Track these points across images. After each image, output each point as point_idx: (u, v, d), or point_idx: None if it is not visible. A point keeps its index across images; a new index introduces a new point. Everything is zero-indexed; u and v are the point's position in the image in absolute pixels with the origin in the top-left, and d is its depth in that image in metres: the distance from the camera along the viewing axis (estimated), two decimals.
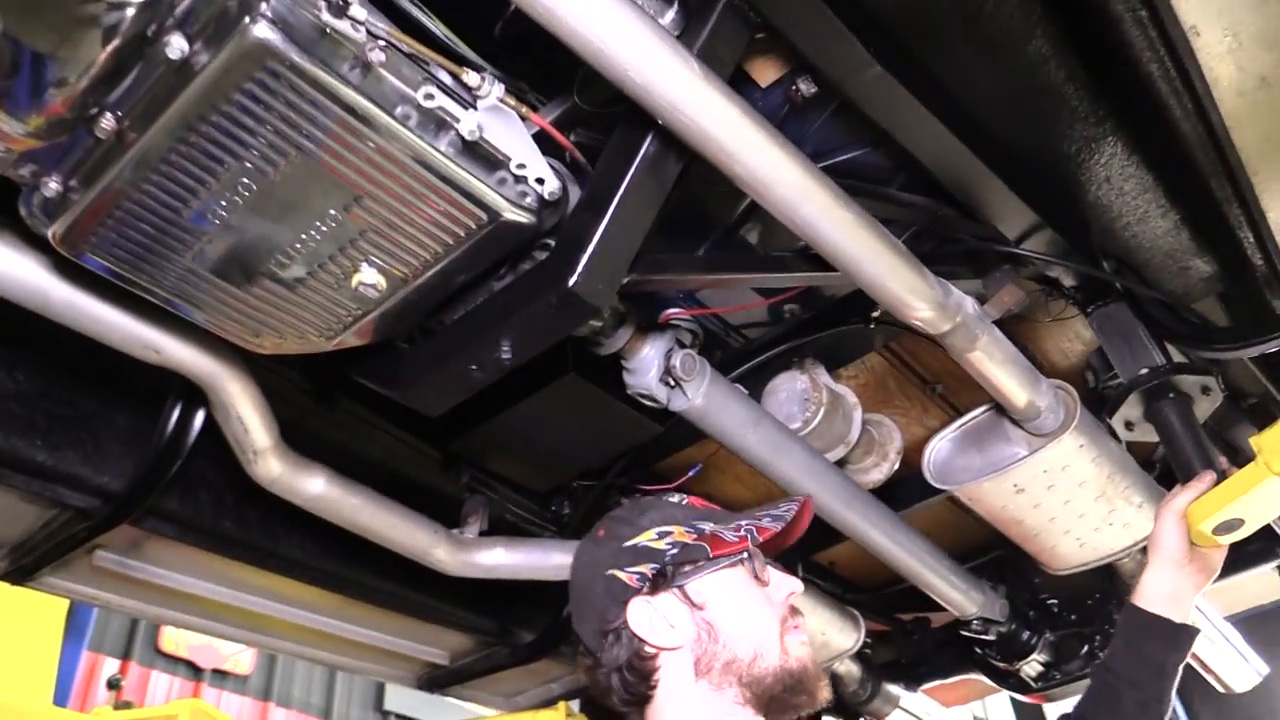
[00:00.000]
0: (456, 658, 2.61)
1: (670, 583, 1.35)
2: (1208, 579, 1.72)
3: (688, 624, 1.33)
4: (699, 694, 1.32)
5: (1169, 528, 1.70)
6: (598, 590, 1.36)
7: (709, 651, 1.32)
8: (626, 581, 1.34)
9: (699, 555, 1.36)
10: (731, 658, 1.32)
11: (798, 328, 2.18)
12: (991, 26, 1.48)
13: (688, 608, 1.34)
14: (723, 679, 1.31)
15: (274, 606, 2.27)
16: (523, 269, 1.43)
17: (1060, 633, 2.67)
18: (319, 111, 1.13)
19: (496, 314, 1.42)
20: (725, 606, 1.35)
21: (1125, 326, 1.93)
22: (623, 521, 1.44)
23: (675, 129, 1.25)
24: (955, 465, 2.07)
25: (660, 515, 1.42)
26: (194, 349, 1.55)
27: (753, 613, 1.36)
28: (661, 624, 1.32)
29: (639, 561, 1.35)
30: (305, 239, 1.28)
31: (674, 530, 1.39)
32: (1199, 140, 1.44)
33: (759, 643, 1.33)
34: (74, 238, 1.27)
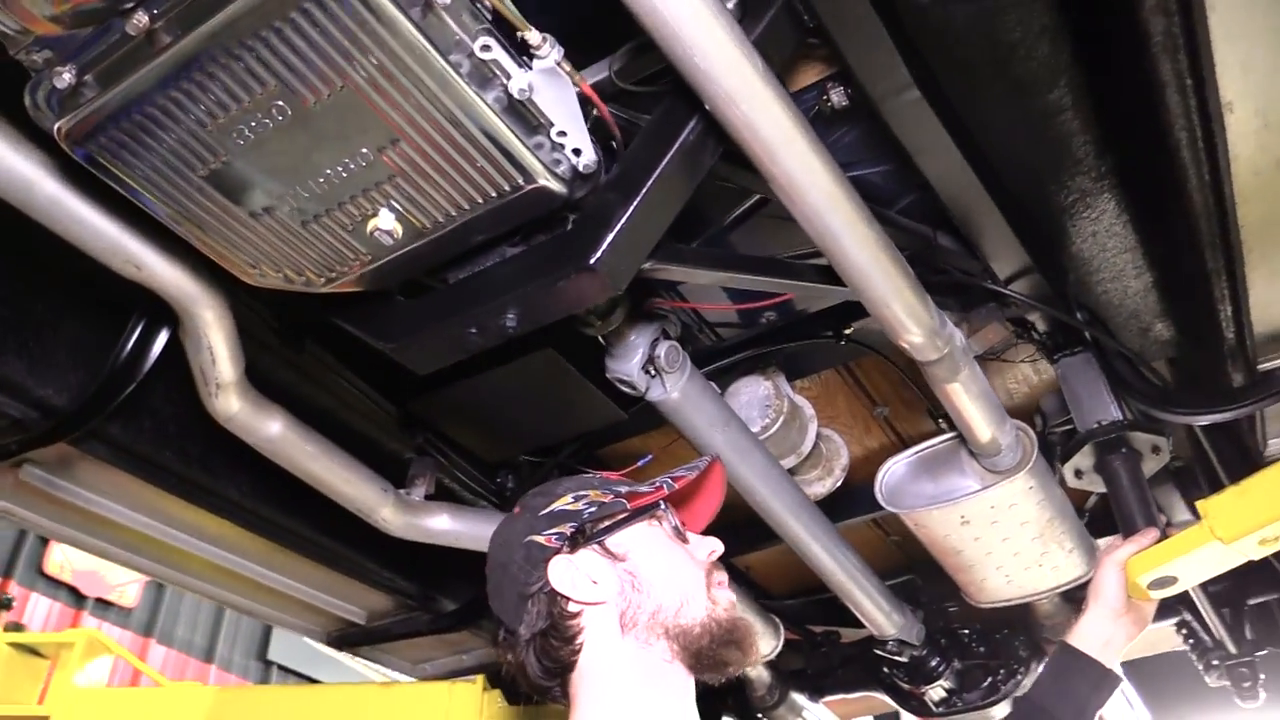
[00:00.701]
0: (373, 618, 2.56)
1: (589, 539, 1.33)
2: (1140, 630, 1.80)
3: (610, 577, 1.31)
4: (626, 652, 1.29)
5: (1110, 577, 1.77)
6: (517, 559, 1.32)
7: (633, 603, 1.30)
8: (544, 543, 1.31)
9: (616, 509, 1.35)
10: (656, 607, 1.29)
11: (770, 334, 2.19)
12: (1020, 69, 1.50)
13: (609, 561, 1.32)
14: (649, 633, 1.29)
15: (197, 544, 2.18)
16: (537, 239, 1.40)
17: (967, 662, 2.75)
18: (374, 44, 1.08)
19: (507, 280, 1.39)
20: (647, 555, 1.34)
21: (1088, 378, 1.99)
22: (538, 495, 1.41)
23: (724, 120, 1.24)
24: (906, 489, 2.12)
25: (576, 484, 1.42)
26: (178, 270, 1.48)
27: (675, 562, 1.35)
28: (583, 579, 1.30)
29: (556, 524, 1.33)
30: (329, 175, 1.23)
31: (590, 493, 1.38)
32: (1206, 210, 1.49)
33: (683, 591, 1.32)
34: (81, 136, 1.19)
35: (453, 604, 2.48)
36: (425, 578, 2.43)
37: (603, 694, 1.28)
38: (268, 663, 5.49)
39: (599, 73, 1.51)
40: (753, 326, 2.23)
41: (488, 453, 2.24)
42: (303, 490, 2.10)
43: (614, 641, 1.30)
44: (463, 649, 2.73)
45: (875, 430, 2.74)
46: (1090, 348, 2.00)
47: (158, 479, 1.94)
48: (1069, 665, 1.74)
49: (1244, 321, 1.69)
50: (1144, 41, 1.27)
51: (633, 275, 1.36)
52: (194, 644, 5.33)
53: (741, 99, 1.21)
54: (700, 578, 1.35)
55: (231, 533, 2.16)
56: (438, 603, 2.47)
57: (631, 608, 1.30)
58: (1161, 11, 1.22)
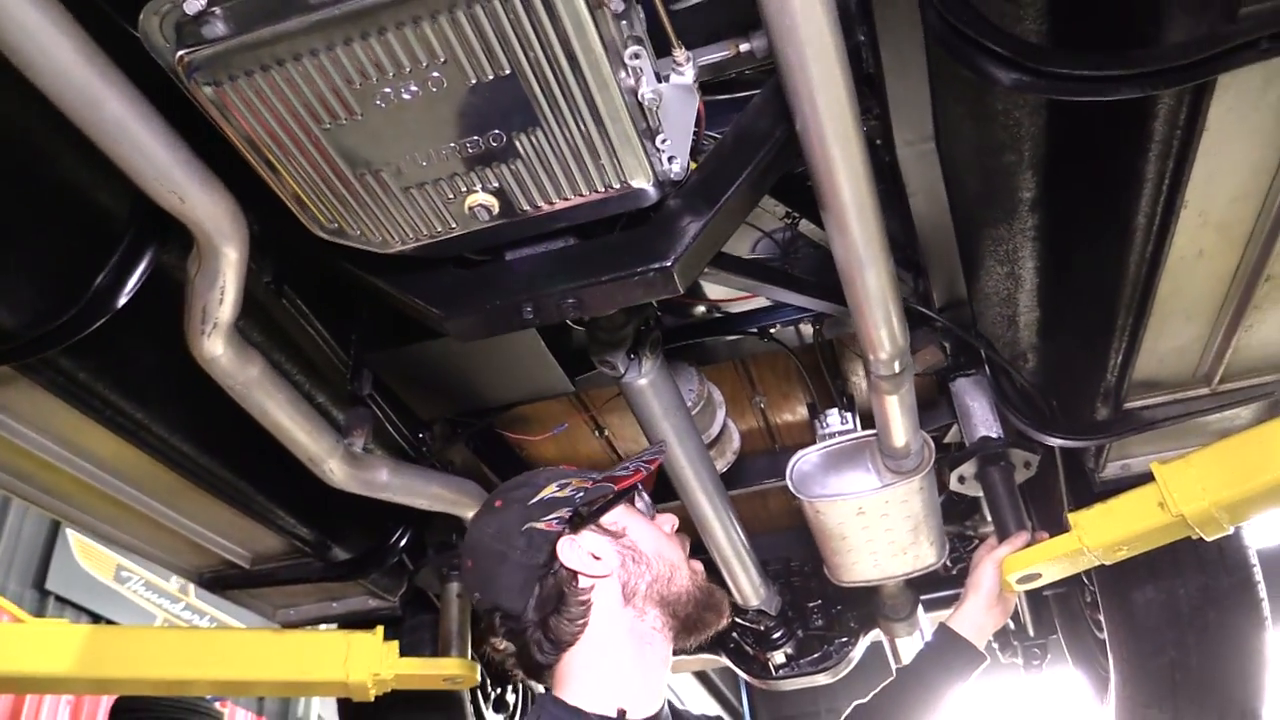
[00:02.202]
0: (258, 561, 2.48)
1: (587, 520, 1.45)
2: (1004, 619, 2.11)
3: (611, 552, 1.43)
4: (625, 622, 1.41)
5: (989, 572, 2.07)
6: (518, 547, 1.40)
7: (634, 574, 1.42)
8: (546, 529, 1.41)
9: (605, 492, 1.46)
10: (654, 576, 1.43)
11: (705, 324, 2.34)
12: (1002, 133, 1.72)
13: (609, 538, 1.45)
14: (646, 601, 1.42)
15: (100, 476, 2.05)
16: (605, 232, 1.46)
17: (808, 632, 3.05)
18: (559, 37, 1.12)
19: (572, 265, 1.45)
20: (639, 530, 1.48)
21: (978, 398, 2.28)
22: (517, 487, 1.50)
23: (808, 141, 1.32)
24: (810, 478, 2.33)
25: (551, 474, 1.52)
26: (218, 206, 1.41)
27: (659, 536, 1.50)
28: (588, 557, 1.41)
29: (552, 510, 1.42)
30: (454, 148, 1.25)
31: (571, 481, 1.48)
32: (1136, 278, 1.77)
33: (672, 560, 1.46)
34: (207, 71, 1.14)
35: (344, 553, 2.47)
36: (322, 525, 2.39)
37: (599, 663, 1.40)
38: (45, 592, 5.04)
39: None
40: (685, 316, 2.37)
41: (425, 410, 2.25)
42: (224, 432, 2.05)
43: (616, 612, 1.41)
44: (334, 597, 2.70)
45: (749, 417, 2.97)
46: (982, 371, 2.29)
47: (91, 409, 1.82)
48: (948, 646, 2.02)
49: (1128, 370, 2.01)
50: (1143, 144, 1.51)
51: (695, 278, 1.46)
52: None
53: (831, 122, 1.29)
54: (679, 549, 1.50)
55: (143, 468, 2.05)
56: (331, 551, 2.44)
57: (633, 579, 1.43)
58: (1169, 124, 1.46)
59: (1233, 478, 1.91)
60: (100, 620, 5.19)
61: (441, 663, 2.40)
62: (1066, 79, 1.31)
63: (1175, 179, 1.54)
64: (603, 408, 2.70)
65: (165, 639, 2.24)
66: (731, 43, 1.48)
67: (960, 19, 1.34)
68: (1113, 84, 1.30)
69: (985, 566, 2.08)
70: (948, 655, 2.01)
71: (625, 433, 2.87)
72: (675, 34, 1.25)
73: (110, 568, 5.51)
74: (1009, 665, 3.00)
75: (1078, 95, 1.33)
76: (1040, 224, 1.94)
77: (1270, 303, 1.78)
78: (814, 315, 2.28)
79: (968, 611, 2.05)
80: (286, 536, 2.35)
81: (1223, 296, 1.85)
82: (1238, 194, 1.59)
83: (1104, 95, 1.30)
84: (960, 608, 2.06)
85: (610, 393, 2.62)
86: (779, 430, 3.06)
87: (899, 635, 3.00)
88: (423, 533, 2.55)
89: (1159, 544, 2.06)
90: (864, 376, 2.82)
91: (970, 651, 2.01)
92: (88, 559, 5.36)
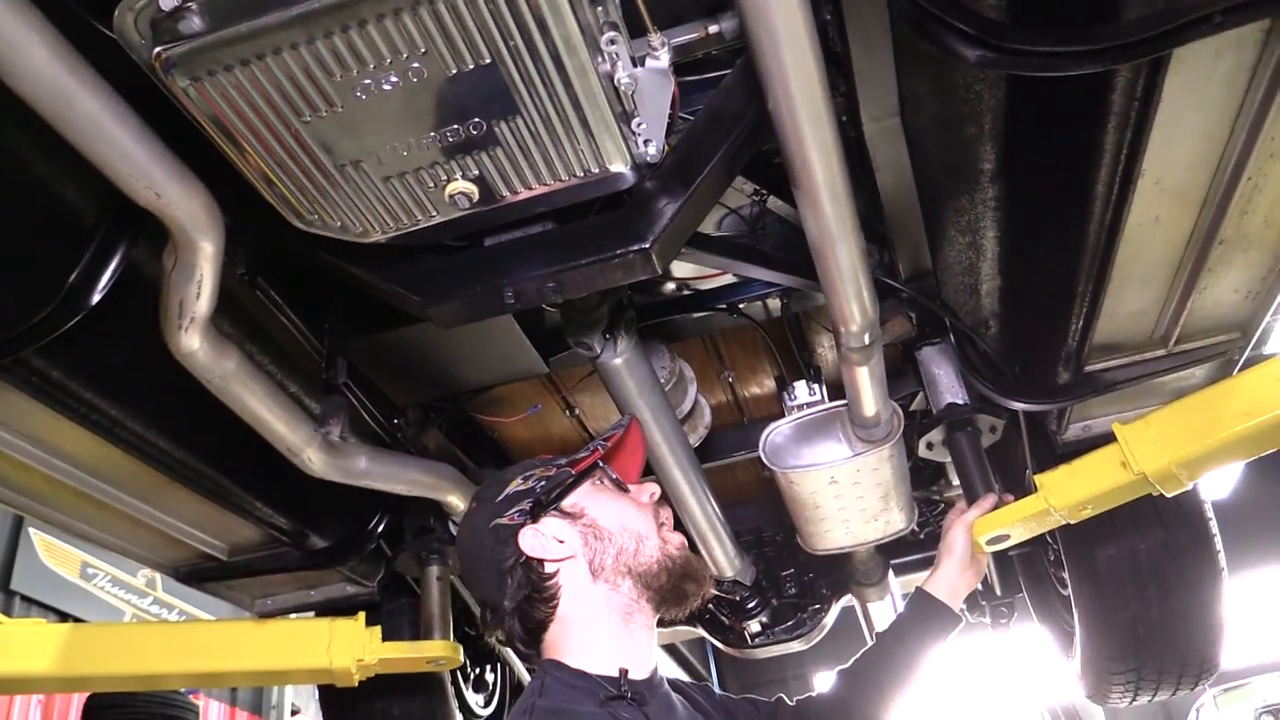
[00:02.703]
0: (234, 553, 2.48)
1: (547, 508, 1.49)
2: (978, 580, 2.17)
3: (572, 533, 1.48)
4: (599, 597, 1.45)
5: (960, 535, 2.12)
6: (488, 544, 1.47)
7: (598, 550, 1.46)
8: (508, 522, 1.47)
9: (564, 477, 1.52)
10: (619, 549, 1.47)
11: (675, 301, 2.37)
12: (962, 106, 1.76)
13: (567, 521, 1.49)
14: (615, 575, 1.46)
15: (74, 474, 2.03)
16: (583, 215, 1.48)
17: (782, 601, 3.11)
18: (538, 26, 1.13)
19: (552, 250, 1.47)
20: (600, 507, 1.52)
21: (944, 365, 2.34)
22: (490, 486, 1.56)
23: (780, 121, 1.33)
24: (783, 450, 2.38)
25: (521, 468, 1.58)
26: (194, 201, 1.41)
27: (624, 509, 1.53)
28: (550, 541, 1.46)
29: (515, 504, 1.49)
30: (434, 137, 1.26)
31: (535, 471, 1.55)
32: (1095, 246, 1.82)
33: (638, 532, 1.50)
34: (184, 68, 1.14)
35: (322, 541, 2.47)
36: (299, 514, 2.39)
37: (585, 635, 1.44)
38: (10, 592, 4.95)
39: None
40: (655, 294, 2.39)
41: (400, 396, 2.26)
42: (199, 426, 2.04)
43: (587, 590, 1.46)
44: (311, 585, 2.71)
45: (718, 391, 3.01)
46: (947, 340, 2.34)
47: (65, 408, 1.81)
48: (925, 609, 2.07)
49: (1088, 337, 2.07)
50: (1102, 116, 1.55)
51: (673, 258, 1.49)
52: None
53: (803, 102, 1.31)
54: (649, 520, 1.54)
55: (117, 465, 2.04)
56: (309, 539, 2.44)
57: (597, 555, 1.47)
58: (1127, 96, 1.50)
59: (1190, 436, 1.98)
60: (68, 618, 5.13)
61: (425, 646, 2.42)
62: (1030, 55, 1.35)
63: (1133, 149, 1.59)
64: (574, 388, 2.72)
65: (147, 634, 2.23)
66: (701, 24, 1.49)
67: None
68: (1075, 59, 1.34)
69: (956, 530, 2.13)
70: (925, 619, 2.05)
71: (596, 411, 2.90)
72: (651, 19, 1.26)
73: (76, 565, 5.44)
74: (977, 624, 3.09)
75: (1041, 71, 1.36)
76: (1000, 195, 1.98)
77: (1223, 265, 1.85)
78: (782, 290, 2.32)
79: (943, 575, 2.10)
80: (263, 527, 2.35)
81: (1178, 261, 1.91)
82: (1192, 162, 1.64)
83: (1066, 70, 1.34)
84: (935, 572, 2.12)
85: (581, 373, 2.65)
86: (747, 403, 3.10)
87: (870, 600, 3.07)
88: (400, 518, 2.56)
89: (1121, 501, 2.13)
90: (830, 348, 2.88)
91: (947, 613, 2.06)
92: (52, 557, 5.29)
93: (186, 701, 4.46)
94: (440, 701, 3.03)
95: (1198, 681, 2.87)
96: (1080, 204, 1.77)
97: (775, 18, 1.20)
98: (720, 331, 2.71)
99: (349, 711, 3.03)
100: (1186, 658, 2.76)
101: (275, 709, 6.86)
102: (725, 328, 2.66)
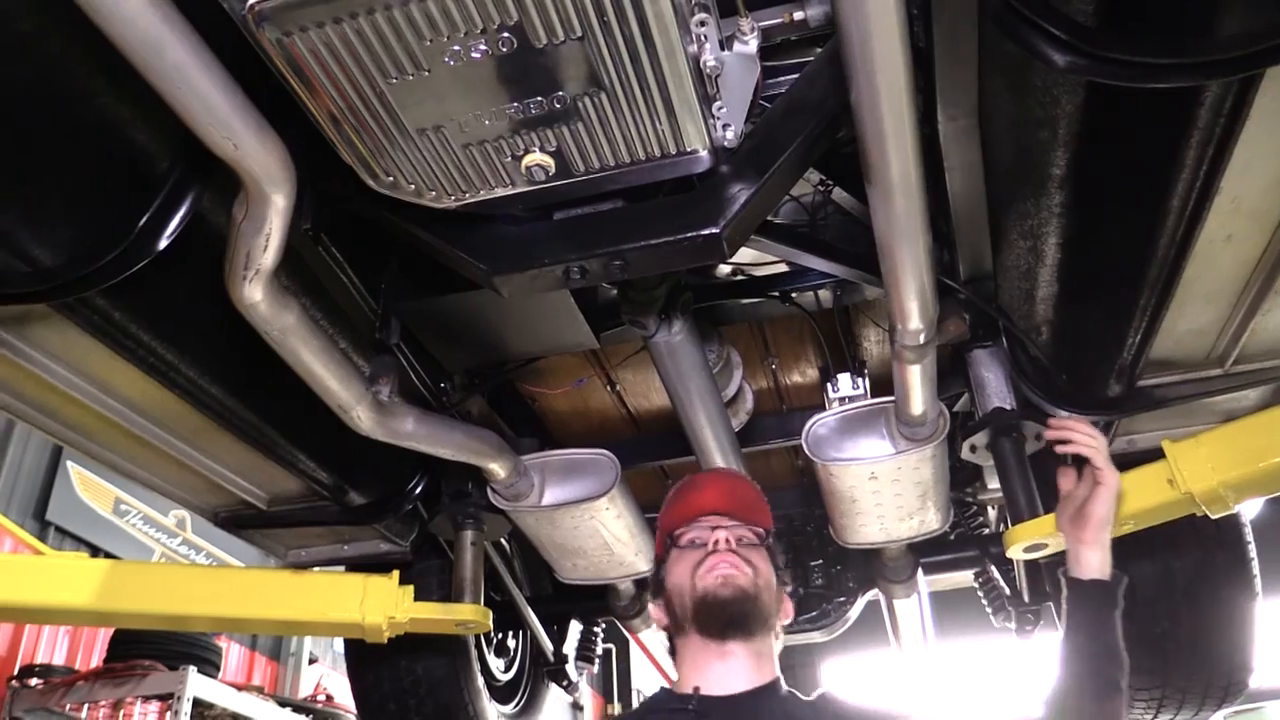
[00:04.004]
0: (274, 503, 2.51)
1: (658, 592, 1.81)
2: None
3: (661, 611, 1.78)
4: (682, 638, 1.73)
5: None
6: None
7: (672, 612, 1.74)
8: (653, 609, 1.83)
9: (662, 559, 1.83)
10: (678, 605, 1.72)
11: (727, 286, 2.36)
12: (1040, 110, 1.73)
13: (663, 595, 1.77)
14: (681, 622, 1.71)
15: (128, 415, 2.07)
16: (658, 196, 1.48)
17: (808, 591, 3.12)
18: (632, 6, 1.13)
19: (622, 228, 1.47)
20: (670, 573, 1.77)
21: (993, 369, 2.32)
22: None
23: (861, 112, 1.33)
24: (825, 441, 2.37)
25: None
26: (269, 154, 1.41)
27: (674, 571, 1.76)
28: (659, 616, 1.79)
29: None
30: (516, 108, 1.26)
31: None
32: (1163, 259, 1.80)
33: (680, 588, 1.73)
34: (273, 22, 1.15)
35: (360, 498, 2.49)
36: (341, 470, 2.41)
37: (678, 667, 1.74)
38: (45, 523, 5.04)
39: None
40: (708, 277, 2.38)
41: (449, 361, 2.27)
42: (251, 375, 2.06)
43: (682, 639, 1.73)
44: (345, 540, 2.74)
45: (760, 377, 3.01)
46: (999, 343, 2.32)
47: (124, 349, 1.83)
48: (1092, 595, 1.82)
49: (1145, 350, 2.05)
50: (1186, 130, 1.52)
51: (742, 244, 1.48)
52: None
53: (887, 96, 1.30)
54: (689, 566, 1.73)
55: (169, 408, 2.07)
56: (348, 495, 2.46)
57: (672, 617, 1.74)
58: (1214, 111, 1.47)
59: (1242, 458, 1.96)
60: (99, 552, 5.22)
61: (456, 608, 2.44)
62: (1122, 64, 1.32)
63: (1213, 165, 1.57)
64: (617, 364, 2.72)
65: (184, 575, 2.27)
66: (785, 9, 1.48)
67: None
68: (1168, 71, 1.32)
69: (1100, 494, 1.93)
70: (1097, 605, 1.83)
71: (637, 389, 2.91)
72: (743, 2, 1.25)
73: (109, 500, 5.53)
74: (1001, 629, 3.07)
75: (1133, 81, 1.34)
76: (1066, 201, 1.95)
77: None
78: (836, 281, 2.30)
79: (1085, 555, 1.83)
80: (305, 479, 2.38)
81: (1245, 281, 1.89)
82: (1272, 182, 1.62)
83: (1160, 82, 1.32)
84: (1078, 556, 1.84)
85: (626, 350, 2.65)
86: (788, 392, 3.09)
87: (897, 597, 3.05)
88: (438, 480, 2.57)
89: (1164, 519, 2.12)
90: (876, 343, 2.87)
91: (1108, 588, 1.83)
92: (87, 491, 5.38)
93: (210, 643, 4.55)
94: (464, 664, 3.07)
95: (1221, 704, 2.85)
96: (1151, 216, 1.74)
97: (869, 8, 1.18)
98: (769, 318, 2.71)
99: (373, 667, 3.07)
100: (1212, 679, 2.74)
101: (294, 656, 6.95)
102: (774, 315, 2.65)
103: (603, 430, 3.01)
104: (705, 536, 1.76)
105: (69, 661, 5.05)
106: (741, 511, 1.81)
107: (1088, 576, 1.82)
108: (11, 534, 3.35)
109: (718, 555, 1.73)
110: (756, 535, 1.80)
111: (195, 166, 1.66)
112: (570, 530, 2.50)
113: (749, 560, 1.73)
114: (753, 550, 1.77)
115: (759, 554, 1.77)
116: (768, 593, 1.74)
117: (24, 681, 4.52)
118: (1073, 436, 1.87)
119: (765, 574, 1.75)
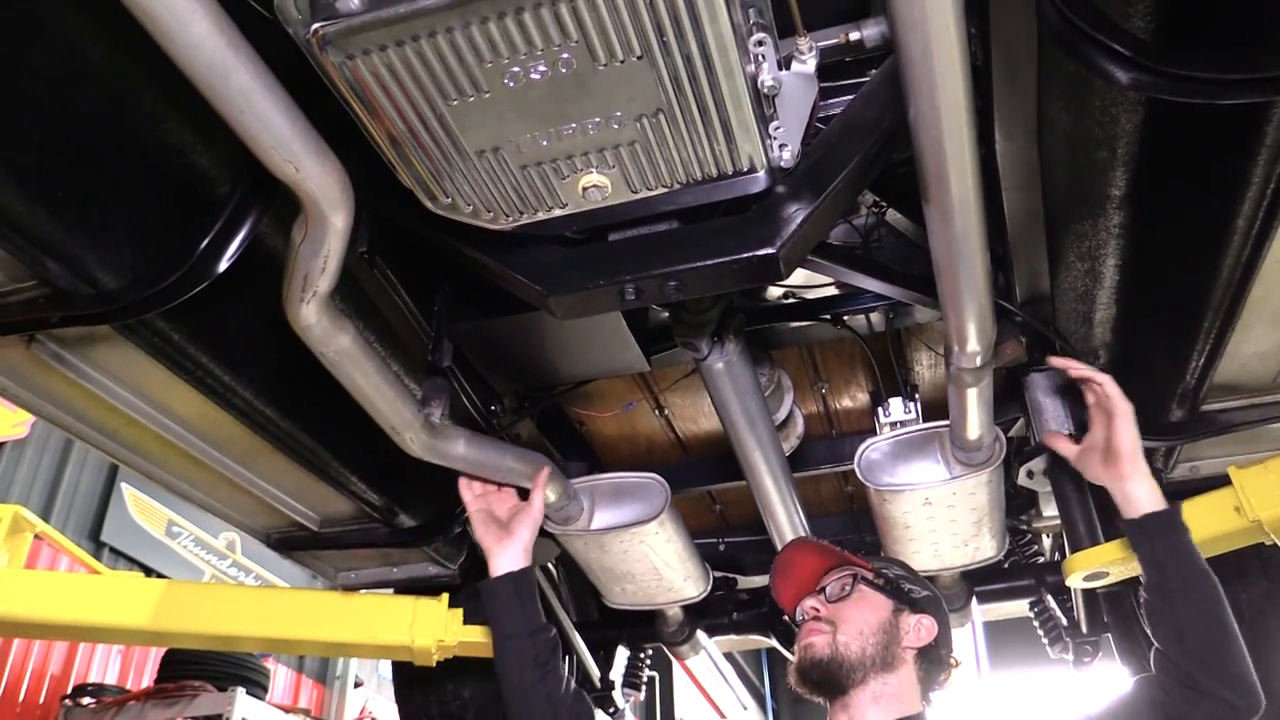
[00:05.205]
0: (325, 524, 2.53)
1: None
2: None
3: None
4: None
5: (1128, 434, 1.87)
6: None
7: None
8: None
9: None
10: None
11: (777, 309, 2.35)
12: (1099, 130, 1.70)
13: None
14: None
15: (184, 435, 2.10)
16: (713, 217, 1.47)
17: None
18: (692, 23, 1.13)
19: (676, 249, 1.46)
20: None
21: (1052, 394, 2.28)
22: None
23: (920, 133, 1.31)
24: (878, 466, 2.34)
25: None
26: (330, 178, 1.42)
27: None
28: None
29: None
30: (575, 129, 1.26)
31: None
32: (1228, 281, 1.75)
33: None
34: (340, 46, 1.16)
35: (410, 520, 2.50)
36: (391, 492, 2.43)
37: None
38: (100, 544, 5.15)
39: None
40: (759, 299, 2.37)
41: (500, 383, 2.28)
42: (304, 397, 2.08)
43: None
44: (395, 562, 2.74)
45: (810, 401, 2.98)
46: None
47: (183, 370, 1.86)
48: (1155, 528, 1.78)
49: (1209, 374, 2.00)
50: (1253, 147, 1.49)
51: (798, 265, 1.47)
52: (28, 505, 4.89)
53: (947, 115, 1.28)
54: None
55: (225, 429, 2.09)
56: (398, 517, 2.48)
57: None
58: None
59: None
60: (151, 573, 5.29)
61: None
62: (1188, 81, 1.30)
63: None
64: (666, 388, 2.71)
65: (236, 596, 2.29)
66: (841, 30, 1.47)
67: (1078, 15, 1.33)
68: (1236, 87, 1.29)
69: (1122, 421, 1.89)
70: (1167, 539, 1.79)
71: (685, 413, 2.89)
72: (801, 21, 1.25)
73: (162, 522, 5.62)
74: (1058, 660, 3.00)
75: (1199, 98, 1.31)
76: (1126, 222, 1.92)
77: None
78: (889, 304, 2.28)
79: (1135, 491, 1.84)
80: (356, 501, 2.39)
81: None
82: None
83: (1227, 98, 1.29)
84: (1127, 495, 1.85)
85: (675, 373, 2.64)
86: (838, 416, 3.06)
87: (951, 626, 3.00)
88: None
89: (1230, 548, 2.06)
90: (929, 366, 2.83)
91: (1169, 516, 1.82)
92: (141, 513, 5.47)
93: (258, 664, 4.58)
94: None
95: None
96: (1216, 237, 1.70)
97: (930, 27, 1.17)
98: (819, 341, 2.68)
99: (421, 691, 3.07)
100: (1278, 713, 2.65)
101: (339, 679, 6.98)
102: (825, 338, 2.63)
103: (650, 454, 3.00)
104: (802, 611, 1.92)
105: (120, 681, 5.13)
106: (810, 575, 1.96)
107: (1144, 511, 1.76)
108: (70, 553, 3.42)
109: (802, 628, 1.89)
110: (842, 585, 1.87)
111: (254, 190, 1.69)
112: (619, 554, 2.49)
113: (831, 619, 1.83)
114: (842, 603, 1.85)
115: (848, 603, 1.85)
116: (857, 641, 1.79)
117: (77, 700, 4.59)
118: (1074, 365, 1.97)
119: (852, 624, 1.81)
